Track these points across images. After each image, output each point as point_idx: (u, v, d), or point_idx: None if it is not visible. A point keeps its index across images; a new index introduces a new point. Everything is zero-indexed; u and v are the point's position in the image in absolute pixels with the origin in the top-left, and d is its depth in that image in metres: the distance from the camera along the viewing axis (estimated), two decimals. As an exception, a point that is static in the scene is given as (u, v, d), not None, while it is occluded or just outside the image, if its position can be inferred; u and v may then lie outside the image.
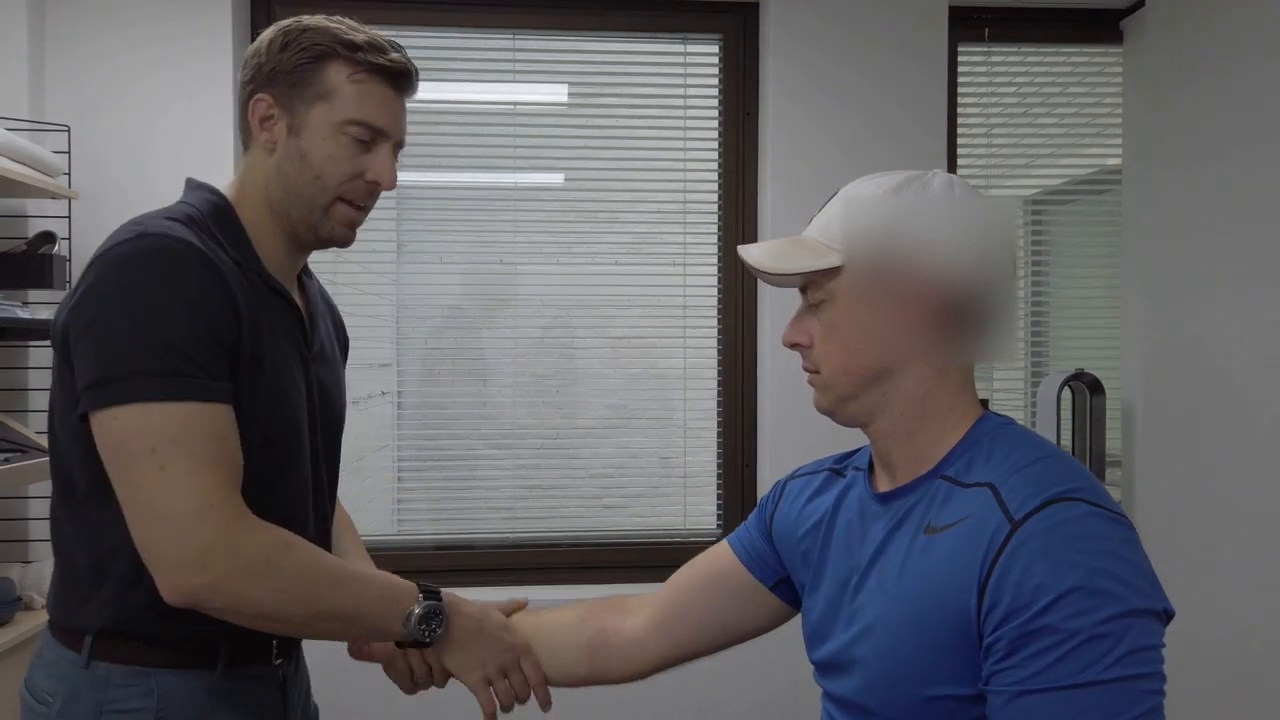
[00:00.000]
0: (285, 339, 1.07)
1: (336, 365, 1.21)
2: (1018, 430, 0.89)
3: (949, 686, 0.80)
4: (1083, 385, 2.37)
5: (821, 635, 0.96)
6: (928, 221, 0.86)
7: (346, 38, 1.06)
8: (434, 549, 2.36)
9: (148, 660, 1.01)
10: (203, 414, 0.94)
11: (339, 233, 1.11)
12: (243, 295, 1.00)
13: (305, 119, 1.06)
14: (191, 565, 0.92)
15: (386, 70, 1.07)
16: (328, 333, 1.20)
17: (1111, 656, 0.71)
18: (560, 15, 2.36)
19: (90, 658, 1.01)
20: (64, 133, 2.09)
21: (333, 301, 1.30)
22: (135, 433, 0.93)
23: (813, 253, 0.90)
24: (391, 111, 1.08)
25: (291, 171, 1.07)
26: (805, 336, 0.92)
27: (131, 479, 0.93)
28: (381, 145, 1.08)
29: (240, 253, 1.05)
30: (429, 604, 1.05)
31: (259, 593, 0.95)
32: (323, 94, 1.05)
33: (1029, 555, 0.75)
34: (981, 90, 2.49)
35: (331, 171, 1.06)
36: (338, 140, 1.06)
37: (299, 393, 1.08)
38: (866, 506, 0.95)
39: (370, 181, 1.08)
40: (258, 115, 1.07)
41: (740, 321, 2.41)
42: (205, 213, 1.05)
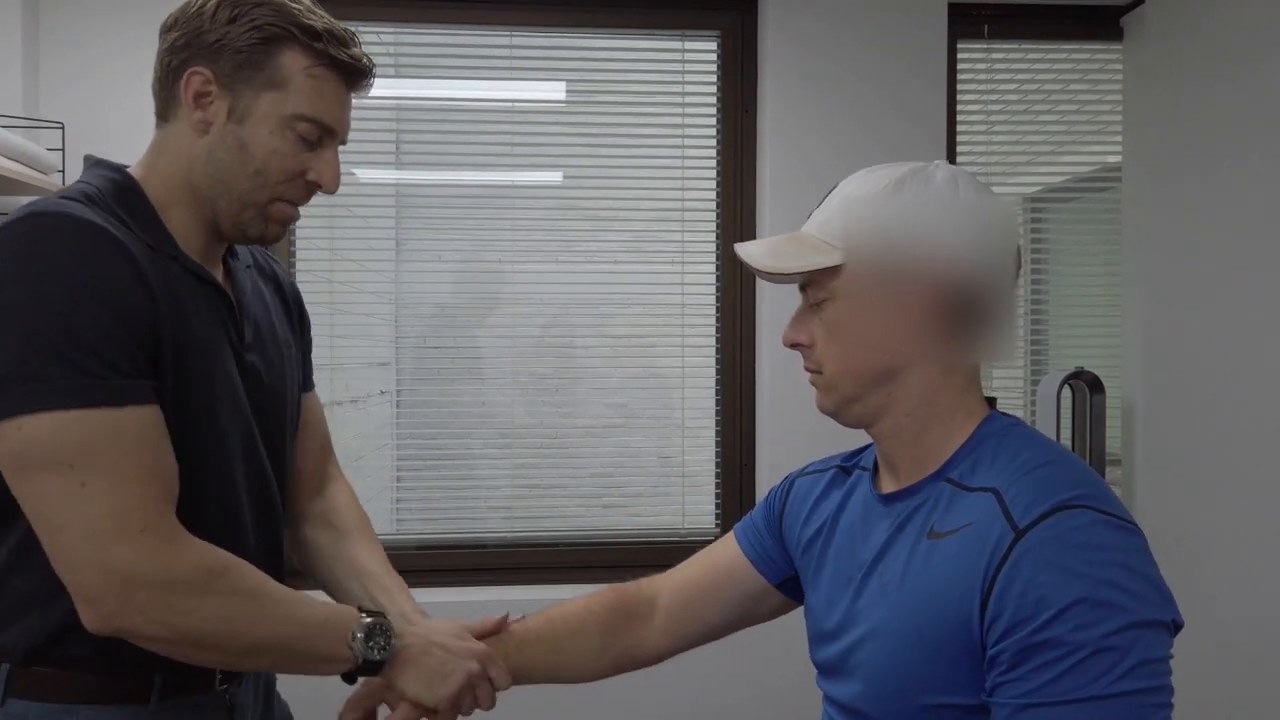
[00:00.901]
0: (212, 327, 0.97)
1: (281, 348, 1.09)
2: (1025, 432, 0.87)
3: (950, 695, 0.79)
4: (1083, 384, 2.36)
5: (823, 637, 0.95)
6: (931, 217, 0.83)
7: (305, 22, 0.95)
8: (433, 548, 2.35)
9: (70, 695, 0.90)
10: (122, 420, 0.84)
11: (271, 231, 1.00)
12: (159, 280, 0.89)
13: (251, 106, 0.95)
14: (115, 593, 0.82)
15: (346, 67, 0.98)
16: (269, 315, 1.09)
17: (1119, 670, 0.70)
18: (558, 12, 2.35)
19: (6, 694, 0.90)
20: (58, 130, 2.08)
21: (284, 277, 1.18)
22: (44, 446, 0.81)
23: (813, 250, 0.87)
24: (343, 110, 1.00)
25: (227, 160, 0.96)
26: (806, 336, 0.90)
27: (44, 498, 0.82)
28: (328, 145, 0.99)
29: (151, 234, 0.93)
30: (372, 620, 0.97)
31: (191, 620, 0.86)
32: (275, 82, 0.95)
33: (1032, 566, 0.73)
34: (981, 87, 2.48)
35: (274, 167, 0.96)
36: (284, 135, 0.96)
37: (232, 386, 0.98)
38: (870, 507, 0.93)
39: (311, 182, 0.99)
40: (191, 90, 0.95)
41: (739, 320, 2.40)
42: (106, 191, 0.93)
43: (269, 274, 1.15)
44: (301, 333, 1.19)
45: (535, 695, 1.19)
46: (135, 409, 0.85)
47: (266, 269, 1.15)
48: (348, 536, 1.17)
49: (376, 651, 0.96)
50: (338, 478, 1.25)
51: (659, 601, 1.13)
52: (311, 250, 2.29)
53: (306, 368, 1.21)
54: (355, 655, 0.95)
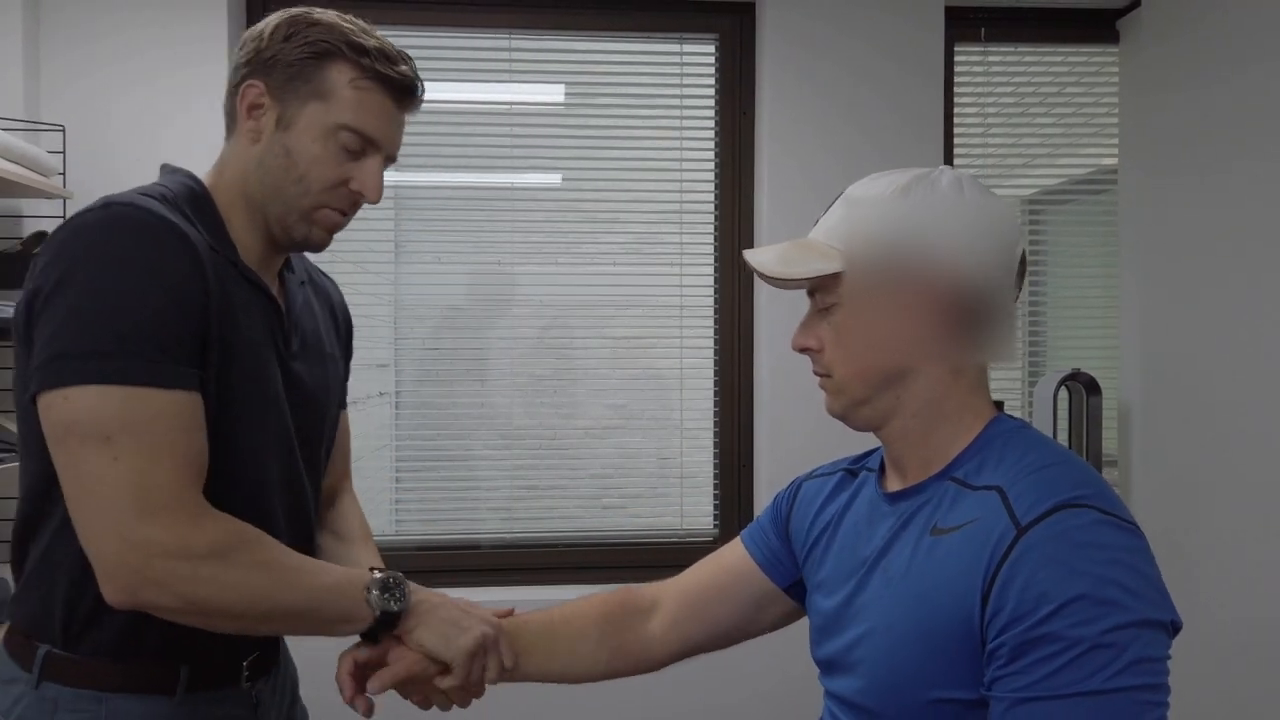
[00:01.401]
0: (260, 331, 1.01)
1: (325, 363, 1.14)
2: (1031, 434, 0.88)
3: (951, 690, 0.80)
4: (1079, 385, 2.37)
5: (824, 633, 0.95)
6: (938, 221, 0.85)
7: (355, 40, 1.00)
8: (432, 549, 2.36)
9: (100, 683, 0.94)
10: (163, 401, 0.87)
11: (316, 236, 1.05)
12: (217, 278, 0.94)
13: (297, 115, 1.00)
14: (135, 566, 0.86)
15: (391, 82, 1.02)
16: (317, 329, 1.14)
17: (1115, 666, 0.70)
18: (557, 15, 2.36)
19: (40, 678, 0.94)
20: (59, 133, 2.08)
21: (336, 296, 1.24)
22: (88, 416, 0.85)
23: (821, 256, 0.88)
24: (388, 124, 1.04)
25: (274, 166, 1.01)
26: (815, 341, 0.91)
27: (78, 466, 0.86)
28: (372, 156, 1.03)
29: (215, 238, 0.98)
30: (385, 574, 1.00)
31: (214, 591, 0.89)
32: (320, 93, 1.00)
33: (1034, 562, 0.74)
34: (978, 90, 2.49)
35: (316, 175, 1.01)
36: (327, 144, 1.00)
37: (273, 387, 1.02)
38: (875, 506, 0.94)
39: (354, 191, 1.03)
40: (246, 101, 1.01)
41: (737, 322, 2.41)
42: (179, 194, 0.99)
43: (322, 291, 1.21)
44: (346, 350, 1.24)
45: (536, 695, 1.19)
46: (178, 393, 0.89)
47: (321, 286, 1.22)
48: (351, 543, 1.21)
49: (393, 603, 0.99)
50: (349, 491, 1.30)
51: (663, 603, 1.13)
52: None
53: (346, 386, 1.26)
54: (373, 609, 0.98)
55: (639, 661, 1.12)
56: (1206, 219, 2.14)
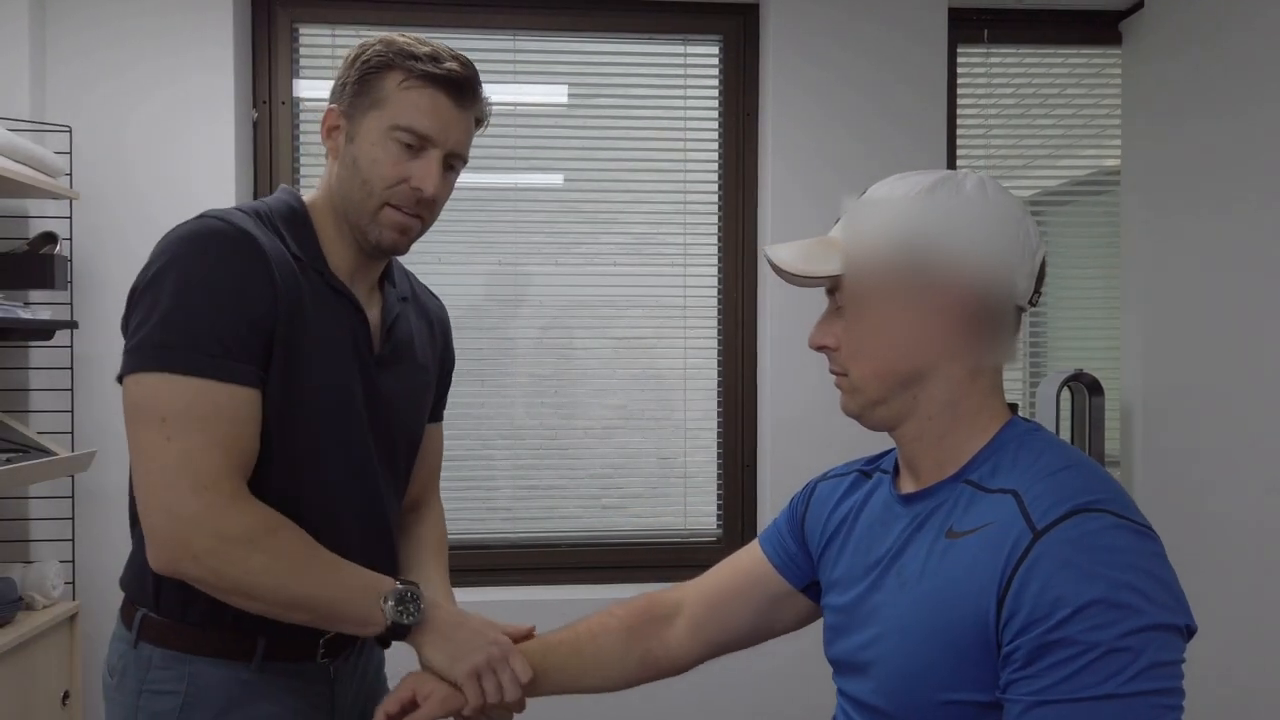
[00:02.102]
0: (340, 338, 1.08)
1: (416, 374, 1.22)
2: (1045, 436, 0.88)
3: (966, 692, 0.80)
4: (1081, 386, 2.37)
5: (838, 634, 0.96)
6: (963, 223, 0.85)
7: (408, 49, 1.08)
8: (434, 549, 2.36)
9: (183, 645, 1.04)
10: (220, 393, 0.97)
11: (387, 237, 1.10)
12: (291, 287, 1.03)
13: (360, 126, 1.08)
14: (174, 537, 0.95)
15: (439, 78, 1.07)
16: (411, 342, 1.21)
17: (1130, 670, 0.71)
18: (560, 16, 2.36)
19: (138, 638, 1.05)
20: (65, 133, 2.09)
21: (436, 314, 1.32)
22: (151, 399, 0.96)
23: (841, 255, 0.88)
24: (442, 119, 1.08)
25: (346, 177, 1.09)
26: (833, 339, 0.90)
27: (138, 443, 0.97)
28: (429, 152, 1.08)
29: (304, 250, 1.07)
30: (404, 588, 1.05)
31: (239, 572, 0.96)
32: (377, 101, 1.07)
33: (1050, 566, 0.74)
34: (980, 91, 2.49)
35: (376, 175, 1.07)
36: (385, 145, 1.07)
37: (346, 390, 1.09)
38: (889, 507, 0.94)
39: (414, 188, 1.08)
40: (327, 125, 1.11)
41: (740, 322, 2.41)
42: (276, 210, 1.09)
43: (424, 309, 1.29)
44: (443, 367, 1.33)
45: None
46: (235, 387, 0.98)
47: (424, 305, 1.29)
48: (420, 542, 1.28)
49: (406, 617, 1.04)
50: (434, 504, 1.37)
51: (684, 607, 1.14)
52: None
53: (441, 401, 1.35)
54: (386, 618, 1.03)
55: (666, 668, 1.14)
56: (1208, 221, 2.14)
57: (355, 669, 1.17)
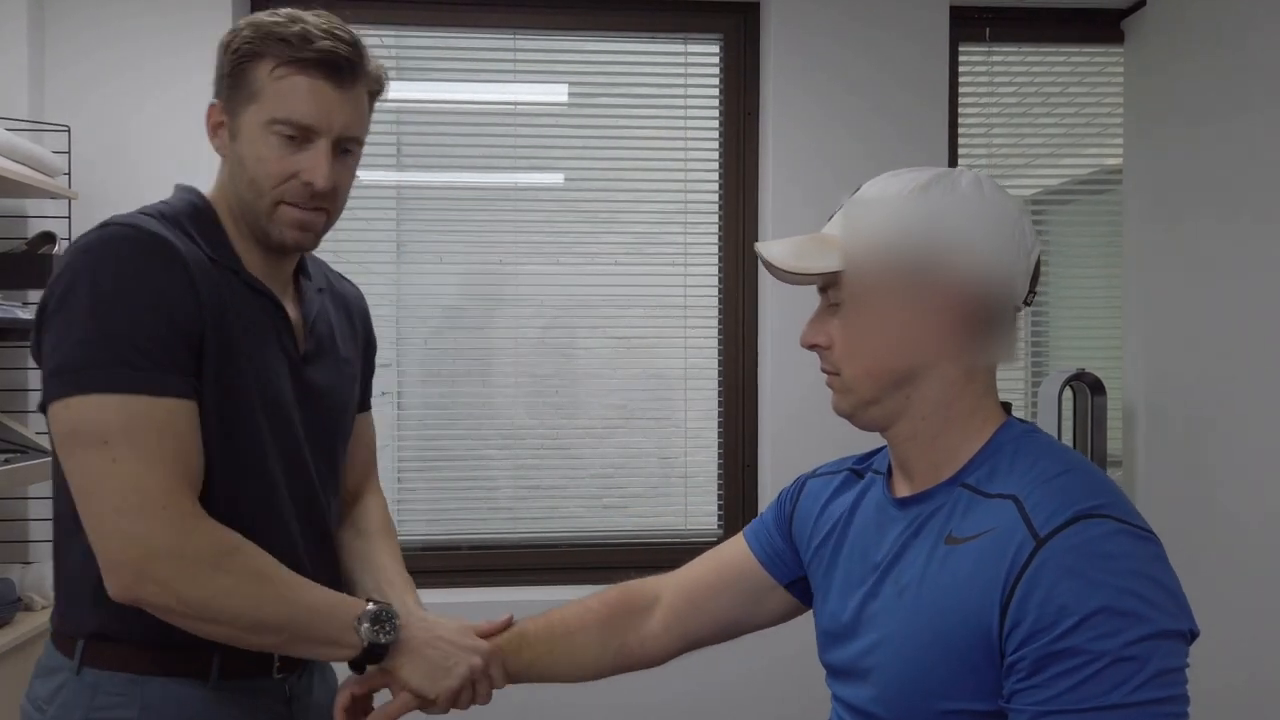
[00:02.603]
0: (266, 339, 1.03)
1: (340, 367, 1.16)
2: (1042, 438, 0.87)
3: (966, 701, 0.79)
4: (1084, 385, 2.37)
5: (834, 639, 0.94)
6: (958, 221, 0.83)
7: (277, 32, 0.99)
8: (434, 549, 2.36)
9: (137, 667, 0.98)
10: (158, 408, 0.92)
11: (290, 236, 1.03)
12: (212, 290, 0.97)
13: (240, 123, 1.01)
14: (134, 562, 0.90)
15: (311, 62, 0.98)
16: (333, 335, 1.15)
17: (1138, 679, 0.70)
18: (560, 15, 2.36)
19: (81, 664, 0.99)
20: (64, 133, 2.09)
21: (354, 301, 1.25)
22: (87, 424, 0.90)
23: (837, 251, 0.86)
24: (321, 105, 0.99)
25: (235, 175, 1.03)
26: (825, 337, 0.89)
27: (81, 470, 0.92)
28: (316, 143, 1.00)
29: (217, 251, 1.01)
30: (378, 608, 1.00)
31: (202, 595, 0.91)
32: (252, 94, 1.00)
33: (1054, 574, 0.73)
34: (982, 90, 2.49)
35: (262, 174, 1.00)
36: (266, 141, 1.00)
37: (277, 391, 1.04)
38: (884, 510, 0.93)
39: (304, 181, 1.01)
40: (210, 122, 1.04)
41: (741, 321, 2.41)
42: (182, 211, 1.02)
43: (341, 297, 1.22)
44: (366, 354, 1.26)
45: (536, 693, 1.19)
46: (172, 400, 0.93)
47: (338, 290, 1.22)
48: (370, 538, 1.22)
49: (381, 636, 1.00)
50: (375, 492, 1.31)
51: (662, 598, 1.12)
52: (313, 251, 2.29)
53: (368, 388, 1.28)
54: (360, 640, 0.99)
55: (641, 659, 1.12)
56: (1211, 219, 2.14)
57: (311, 686, 1.12)
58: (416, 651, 1.03)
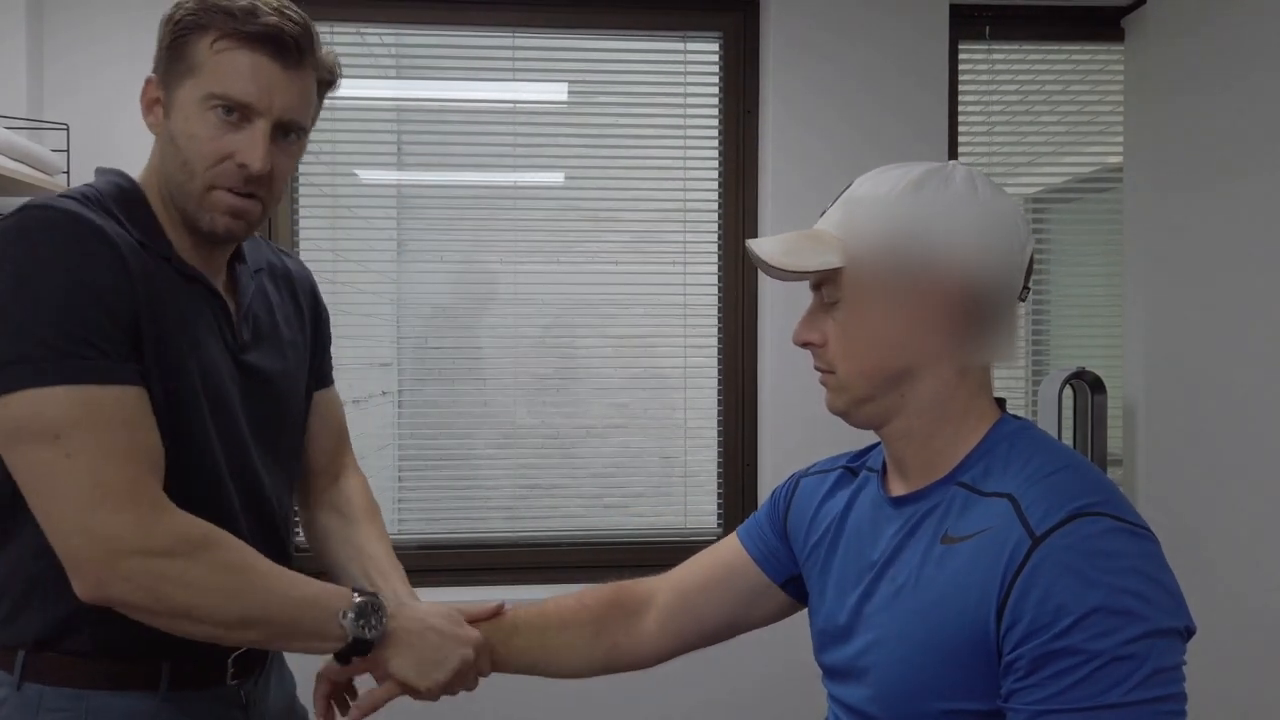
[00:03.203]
0: (203, 326, 0.98)
1: (285, 350, 1.10)
2: (1037, 435, 0.87)
3: (963, 701, 0.79)
4: (1084, 384, 2.36)
5: (830, 639, 0.94)
6: (952, 217, 0.83)
7: (221, 4, 0.94)
8: (435, 548, 2.36)
9: (82, 680, 0.93)
10: (107, 397, 0.87)
11: (220, 223, 0.97)
12: (143, 275, 0.91)
13: (175, 98, 0.95)
14: (101, 560, 0.85)
15: (255, 36, 0.93)
16: (273, 317, 1.10)
17: (1136, 678, 0.70)
18: (560, 14, 2.35)
19: (22, 679, 0.93)
20: (63, 131, 2.08)
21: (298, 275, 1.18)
22: (33, 420, 0.85)
23: (830, 248, 0.86)
24: (263, 83, 0.94)
25: (167, 155, 0.97)
26: (818, 335, 0.89)
27: (34, 468, 0.86)
28: (254, 123, 0.95)
29: (146, 235, 0.95)
30: (364, 599, 0.96)
31: (175, 590, 0.87)
32: (191, 68, 0.94)
33: (1051, 573, 0.73)
34: (982, 88, 2.48)
35: (195, 153, 0.94)
36: (203, 118, 0.94)
37: (218, 380, 0.99)
38: (879, 509, 0.92)
39: (239, 164, 0.95)
40: (146, 98, 0.98)
41: (741, 320, 2.41)
42: (107, 194, 0.96)
43: (282, 275, 1.15)
44: (315, 331, 1.19)
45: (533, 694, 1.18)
46: (119, 388, 0.88)
47: (279, 268, 1.16)
48: (355, 522, 1.18)
49: (368, 630, 0.96)
50: (352, 469, 1.26)
51: (656, 598, 1.12)
52: (313, 251, 2.29)
53: (323, 365, 1.22)
54: (346, 633, 0.95)
55: (632, 659, 1.12)
56: (1212, 217, 2.13)
57: (269, 692, 1.09)
58: (406, 643, 1.00)
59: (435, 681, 1.01)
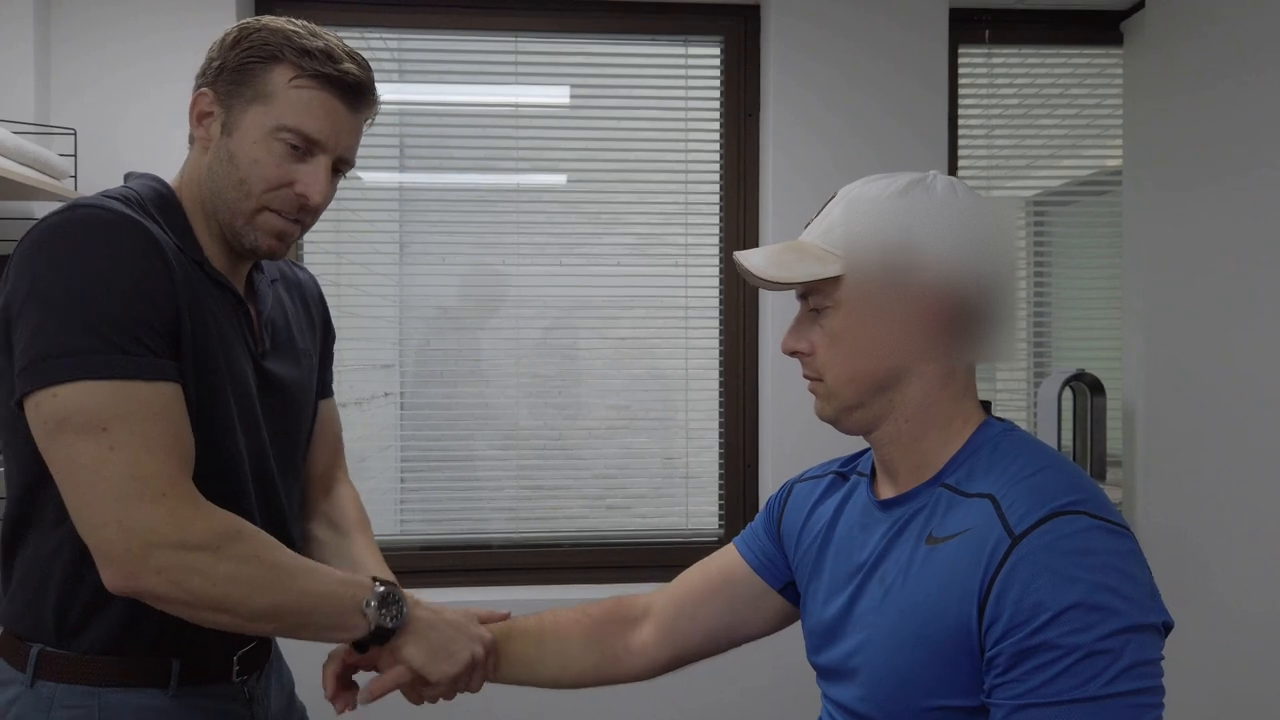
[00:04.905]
0: (230, 332, 1.02)
1: (299, 359, 1.14)
2: (1020, 437, 0.88)
3: (951, 698, 0.81)
4: (1084, 386, 2.37)
5: (821, 640, 0.96)
6: (935, 224, 0.85)
7: (299, 42, 1.00)
8: (436, 549, 2.37)
9: (94, 678, 0.96)
10: (152, 393, 0.89)
11: (263, 242, 1.03)
12: (184, 278, 0.95)
13: (240, 119, 1.00)
14: (136, 551, 0.87)
15: (333, 80, 1.00)
16: (289, 326, 1.14)
17: (1111, 672, 0.72)
18: (562, 17, 2.37)
19: (35, 677, 0.95)
20: (70, 136, 2.10)
21: (309, 286, 1.23)
22: (80, 411, 0.87)
23: (817, 259, 0.88)
24: (333, 124, 1.01)
25: (219, 172, 1.01)
26: (806, 344, 0.91)
27: (75, 459, 0.87)
28: (318, 157, 1.02)
29: (181, 240, 0.99)
30: (386, 589, 0.99)
31: (205, 583, 0.89)
32: (262, 95, 0.99)
33: (1028, 571, 0.75)
34: (982, 92, 2.50)
35: (256, 176, 1.00)
36: (269, 145, 0.99)
37: (244, 386, 1.03)
38: (868, 512, 0.94)
39: (299, 194, 1.01)
40: (197, 110, 1.02)
41: (742, 322, 2.42)
42: (146, 197, 1.00)
43: (294, 284, 1.20)
44: (323, 341, 1.24)
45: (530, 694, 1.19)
46: (163, 385, 0.91)
47: (291, 278, 1.20)
48: (347, 535, 1.21)
49: (389, 619, 0.99)
50: (345, 481, 1.29)
51: (653, 610, 1.13)
52: (316, 253, 2.31)
53: (326, 375, 1.26)
54: (369, 622, 0.98)
55: (628, 670, 1.13)
56: (1211, 220, 2.14)
57: (271, 688, 1.12)
58: (421, 632, 1.03)
59: (444, 673, 1.03)
